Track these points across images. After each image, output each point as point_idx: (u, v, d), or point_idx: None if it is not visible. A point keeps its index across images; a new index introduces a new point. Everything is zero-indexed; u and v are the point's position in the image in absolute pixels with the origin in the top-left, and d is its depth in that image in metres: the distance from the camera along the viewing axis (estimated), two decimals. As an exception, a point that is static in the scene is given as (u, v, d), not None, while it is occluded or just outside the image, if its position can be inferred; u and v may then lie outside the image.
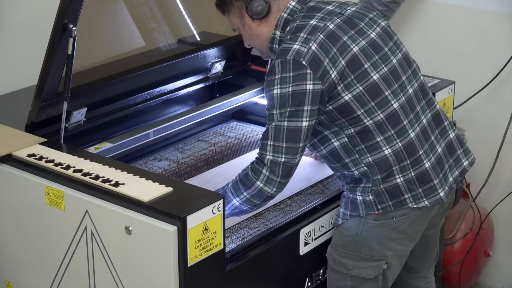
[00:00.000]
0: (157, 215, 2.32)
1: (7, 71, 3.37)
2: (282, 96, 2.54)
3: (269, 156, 2.55)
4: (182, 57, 3.31)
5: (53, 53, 2.64)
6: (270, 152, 2.55)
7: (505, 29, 3.77)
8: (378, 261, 2.72)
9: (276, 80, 2.55)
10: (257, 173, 2.57)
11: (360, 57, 2.61)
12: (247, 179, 2.59)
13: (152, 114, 3.36)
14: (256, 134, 3.55)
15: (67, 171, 2.53)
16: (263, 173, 2.56)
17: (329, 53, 2.57)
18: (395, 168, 2.64)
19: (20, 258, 2.72)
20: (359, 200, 2.68)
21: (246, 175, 2.59)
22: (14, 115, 2.99)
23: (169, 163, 3.28)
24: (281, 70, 2.55)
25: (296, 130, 2.55)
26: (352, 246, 2.72)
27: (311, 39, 2.57)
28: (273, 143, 2.55)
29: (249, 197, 2.59)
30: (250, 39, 2.79)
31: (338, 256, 2.76)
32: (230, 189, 2.63)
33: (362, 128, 2.62)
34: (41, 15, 3.33)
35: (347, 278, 2.75)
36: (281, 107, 2.54)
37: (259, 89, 3.52)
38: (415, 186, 2.66)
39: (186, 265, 2.31)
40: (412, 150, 2.65)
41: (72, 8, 2.59)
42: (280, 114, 2.55)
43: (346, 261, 2.74)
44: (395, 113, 2.63)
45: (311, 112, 2.56)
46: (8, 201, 2.69)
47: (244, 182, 2.59)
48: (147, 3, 3.26)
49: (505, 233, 4.00)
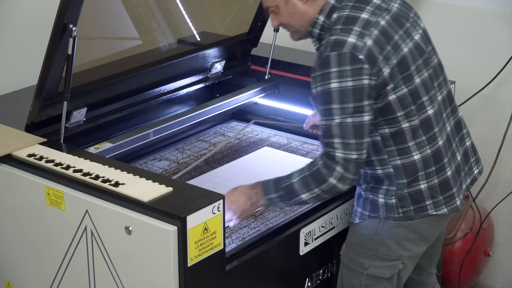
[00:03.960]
0: (157, 215, 2.32)
1: (7, 71, 3.37)
2: (342, 91, 2.47)
3: (341, 153, 2.50)
4: (182, 57, 3.31)
5: (53, 53, 2.64)
6: (341, 150, 2.49)
7: (504, 29, 3.76)
8: (394, 261, 2.73)
9: (333, 74, 2.47)
10: (330, 170, 2.51)
11: (409, 58, 2.58)
12: (320, 175, 2.52)
13: (152, 114, 3.36)
14: (256, 134, 3.55)
15: (67, 171, 2.53)
16: (337, 170, 2.50)
17: (383, 50, 2.53)
18: (421, 173, 2.63)
19: (20, 258, 2.72)
20: (380, 203, 2.67)
21: (317, 171, 2.53)
22: (14, 115, 2.99)
23: (169, 163, 3.28)
24: (338, 63, 2.48)
25: (361, 126, 2.51)
26: (369, 245, 2.72)
27: (366, 34, 2.52)
28: (341, 141, 2.49)
29: (320, 193, 2.55)
30: (290, 17, 2.66)
31: (354, 255, 2.75)
32: (297, 183, 2.56)
33: (397, 130, 2.60)
34: (41, 15, 3.33)
35: (362, 276, 2.75)
36: (343, 102, 2.48)
37: (259, 89, 3.52)
38: (436, 193, 2.66)
39: (186, 265, 2.31)
40: (438, 157, 2.64)
41: (72, 8, 2.59)
42: (342, 109, 2.48)
43: (362, 260, 2.74)
44: (429, 119, 2.62)
45: (370, 106, 2.52)
46: (8, 201, 2.69)
47: (317, 178, 2.53)
48: (147, 3, 3.26)
49: (505, 233, 4.00)
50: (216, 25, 3.60)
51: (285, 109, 3.56)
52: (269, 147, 3.43)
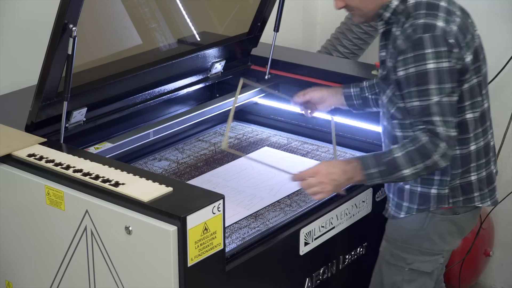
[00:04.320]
0: (157, 215, 2.32)
1: (7, 71, 3.37)
2: (439, 71, 2.50)
3: (443, 130, 2.50)
4: (182, 57, 3.31)
5: (53, 53, 2.64)
6: (443, 127, 2.50)
7: (505, 29, 3.76)
8: (436, 255, 2.77)
9: (429, 54, 2.50)
10: (435, 146, 2.50)
11: (479, 50, 2.65)
12: (425, 150, 2.50)
13: (152, 114, 3.36)
14: (256, 134, 3.55)
15: (67, 171, 2.53)
16: (441, 146, 2.50)
17: (465, 38, 2.58)
18: (473, 165, 2.68)
19: (20, 258, 2.72)
20: (432, 194, 2.69)
21: (423, 147, 2.51)
22: (14, 115, 2.99)
23: (169, 163, 3.28)
24: (433, 44, 2.50)
25: (454, 106, 2.55)
26: (414, 240, 2.74)
27: (450, 20, 2.55)
28: (442, 118, 2.50)
29: (422, 169, 2.52)
30: (361, 1, 2.66)
31: (397, 250, 2.76)
32: (401, 158, 2.52)
33: (462, 120, 2.64)
34: (41, 15, 3.32)
35: (404, 272, 2.77)
36: (440, 82, 2.50)
37: (259, 89, 3.52)
38: (483, 185, 2.72)
39: (186, 265, 2.31)
40: (488, 150, 2.71)
41: (72, 8, 2.59)
42: (440, 89, 2.50)
43: (406, 255, 2.76)
44: (484, 112, 2.68)
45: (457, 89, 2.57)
46: (8, 201, 2.69)
47: (423, 153, 2.51)
48: (147, 3, 3.26)
49: (505, 233, 4.00)
50: (216, 25, 3.60)
51: (285, 109, 3.56)
52: (269, 147, 3.43)
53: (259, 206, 2.93)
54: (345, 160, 2.61)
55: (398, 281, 2.79)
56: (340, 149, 3.41)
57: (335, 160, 2.63)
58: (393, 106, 2.66)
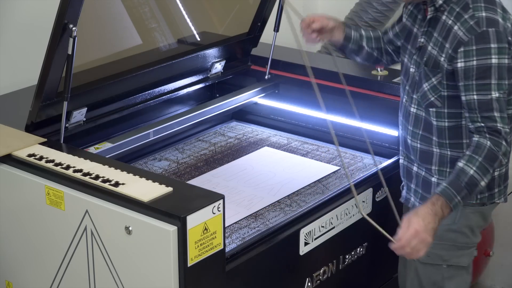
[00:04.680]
0: (157, 215, 2.32)
1: (7, 71, 3.37)
2: (501, 67, 2.52)
3: (502, 127, 2.52)
4: (182, 57, 3.31)
5: (53, 53, 2.64)
6: (501, 123, 2.52)
7: (505, 29, 3.76)
8: (470, 248, 2.78)
9: (493, 49, 2.51)
10: (499, 146, 2.52)
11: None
12: (492, 155, 2.52)
13: (152, 114, 3.36)
14: (256, 134, 3.55)
15: (67, 171, 2.53)
16: (503, 144, 2.52)
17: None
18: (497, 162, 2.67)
19: (20, 258, 2.72)
20: None
21: (490, 152, 2.51)
22: (14, 115, 2.99)
23: (169, 163, 3.28)
24: (497, 40, 2.52)
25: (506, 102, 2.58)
26: (448, 236, 2.74)
27: (506, 17, 2.58)
28: (500, 114, 2.52)
29: (493, 171, 2.54)
30: None
31: (433, 249, 2.71)
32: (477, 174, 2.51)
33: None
34: (41, 15, 3.32)
35: (443, 269, 2.78)
36: (501, 78, 2.52)
37: (259, 89, 3.52)
38: (502, 181, 2.75)
39: (186, 265, 2.31)
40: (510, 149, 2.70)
41: (72, 8, 2.59)
42: (499, 85, 2.52)
43: (443, 252, 2.76)
44: None
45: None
46: (8, 201, 2.69)
47: (492, 159, 2.52)
48: (147, 3, 3.26)
49: (505, 233, 4.00)
50: (216, 25, 3.60)
51: (285, 109, 3.56)
52: (269, 147, 3.43)
53: (259, 206, 2.93)
54: (431, 202, 2.53)
55: (438, 280, 2.78)
56: (340, 149, 3.40)
57: (422, 209, 2.52)
58: (436, 94, 2.66)
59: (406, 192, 2.86)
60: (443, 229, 2.72)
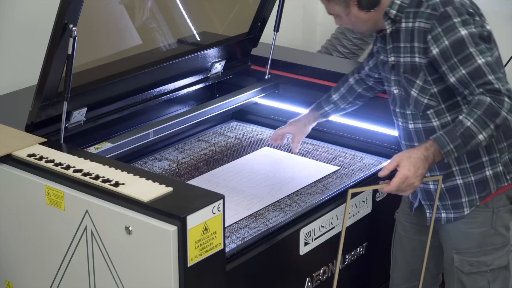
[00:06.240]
0: (157, 215, 2.32)
1: (7, 71, 3.37)
2: (472, 35, 2.54)
3: (501, 86, 2.50)
4: (182, 57, 3.31)
5: (53, 53, 2.64)
6: (499, 83, 2.51)
7: (505, 29, 3.76)
8: (507, 246, 2.77)
9: (457, 23, 2.54)
10: (501, 102, 2.49)
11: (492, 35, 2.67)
12: (493, 109, 2.48)
13: (152, 114, 3.36)
14: (256, 134, 3.55)
15: (67, 171, 2.53)
16: (506, 101, 2.49)
17: (479, 11, 2.63)
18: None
19: (20, 258, 2.72)
20: (488, 175, 2.68)
21: (490, 107, 2.48)
22: (14, 115, 2.99)
23: (169, 163, 3.28)
24: (458, 14, 2.55)
25: (499, 63, 2.63)
26: (487, 241, 2.73)
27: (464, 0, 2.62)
28: (494, 76, 2.52)
29: (493, 129, 2.50)
30: (353, 25, 2.73)
31: (475, 258, 2.74)
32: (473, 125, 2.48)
33: None
34: (41, 15, 3.33)
35: (488, 274, 2.77)
36: (477, 44, 2.54)
37: (259, 89, 3.52)
38: None
39: (186, 265, 2.31)
40: None
41: (72, 8, 2.59)
42: (480, 51, 2.54)
43: (485, 258, 2.75)
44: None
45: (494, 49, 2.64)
46: (8, 201, 2.69)
47: (491, 113, 2.48)
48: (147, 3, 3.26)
49: (505, 233, 4.00)
50: (216, 25, 3.60)
51: (285, 109, 3.56)
52: (269, 147, 3.43)
53: (259, 206, 2.93)
54: (424, 148, 2.52)
55: (484, 285, 2.77)
56: (340, 149, 3.41)
57: (415, 153, 2.50)
58: (426, 94, 2.65)
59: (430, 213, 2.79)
60: (481, 236, 2.72)
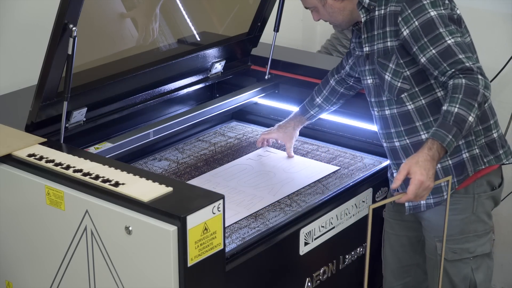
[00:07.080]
0: (157, 215, 2.32)
1: (7, 71, 3.37)
2: (441, 16, 2.60)
3: (471, 64, 2.54)
4: (182, 57, 3.31)
5: (53, 53, 2.64)
6: (470, 61, 2.55)
7: (505, 29, 3.76)
8: (489, 233, 2.80)
9: (426, 5, 2.60)
10: (475, 80, 2.52)
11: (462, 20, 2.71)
12: (470, 88, 2.50)
13: (152, 114, 3.36)
14: (256, 134, 3.55)
15: (67, 171, 2.53)
16: (480, 78, 2.52)
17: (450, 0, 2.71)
18: (492, 122, 2.74)
19: (20, 258, 2.72)
20: (465, 158, 2.71)
21: (467, 87, 2.50)
22: (14, 115, 2.99)
23: (169, 163, 3.28)
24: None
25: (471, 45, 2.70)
26: (469, 227, 2.76)
27: None
28: (465, 55, 2.56)
29: (477, 107, 2.51)
30: (330, 16, 2.80)
31: (458, 245, 2.77)
32: (460, 109, 2.48)
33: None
34: (41, 15, 3.33)
35: (471, 262, 2.79)
36: (447, 25, 2.60)
37: (259, 89, 3.52)
38: (503, 142, 2.77)
39: (186, 265, 2.31)
40: (492, 112, 2.78)
41: (72, 8, 2.59)
42: (449, 31, 2.59)
43: (468, 245, 2.77)
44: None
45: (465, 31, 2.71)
46: (8, 201, 2.69)
47: (471, 92, 2.49)
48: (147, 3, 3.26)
49: (505, 233, 4.00)
50: (216, 25, 3.60)
51: (285, 109, 3.56)
52: (269, 147, 3.43)
53: (259, 206, 2.93)
54: (427, 148, 2.50)
55: (468, 273, 2.80)
56: (340, 149, 3.41)
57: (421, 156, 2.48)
58: (399, 78, 2.69)
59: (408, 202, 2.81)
60: (463, 223, 2.75)
